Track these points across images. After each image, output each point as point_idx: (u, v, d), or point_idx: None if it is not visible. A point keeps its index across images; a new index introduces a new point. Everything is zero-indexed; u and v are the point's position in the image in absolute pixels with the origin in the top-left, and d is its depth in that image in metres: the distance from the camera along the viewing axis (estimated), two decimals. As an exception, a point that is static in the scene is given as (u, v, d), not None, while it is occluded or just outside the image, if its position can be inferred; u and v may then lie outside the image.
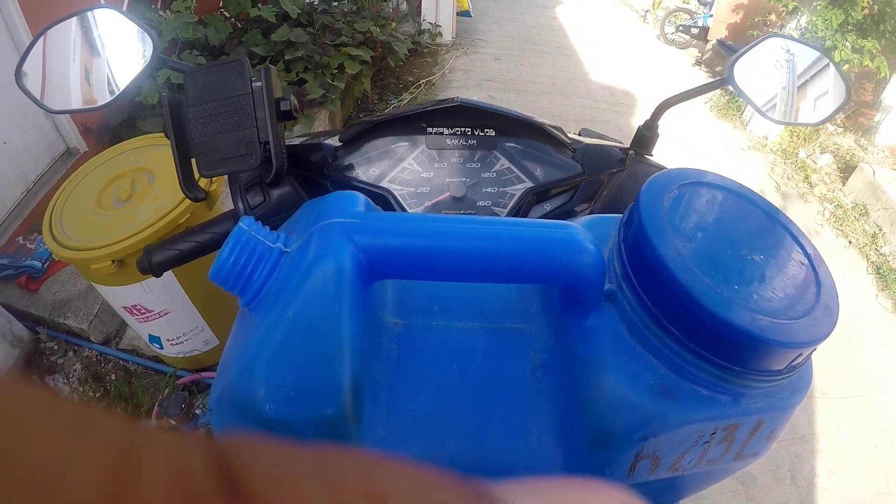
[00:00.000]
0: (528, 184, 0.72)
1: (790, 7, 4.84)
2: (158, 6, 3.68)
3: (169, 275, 1.74)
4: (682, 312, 0.37)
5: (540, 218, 0.71)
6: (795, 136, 5.02)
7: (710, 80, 0.80)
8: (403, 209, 0.69)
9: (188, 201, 1.62)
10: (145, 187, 1.74)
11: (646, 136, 0.85)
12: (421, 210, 0.70)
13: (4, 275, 2.40)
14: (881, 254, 3.98)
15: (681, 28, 7.81)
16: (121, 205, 1.71)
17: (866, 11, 4.33)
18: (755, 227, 0.42)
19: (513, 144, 0.74)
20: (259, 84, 0.61)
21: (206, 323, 2.02)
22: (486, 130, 0.74)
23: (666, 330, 0.39)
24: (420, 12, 6.34)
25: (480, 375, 0.45)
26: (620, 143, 0.87)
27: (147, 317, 1.88)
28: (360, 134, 0.74)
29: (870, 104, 5.56)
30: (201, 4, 3.84)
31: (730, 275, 0.38)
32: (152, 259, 0.70)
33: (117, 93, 0.68)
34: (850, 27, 4.42)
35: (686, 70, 7.17)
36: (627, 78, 6.33)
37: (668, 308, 0.38)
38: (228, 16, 4.08)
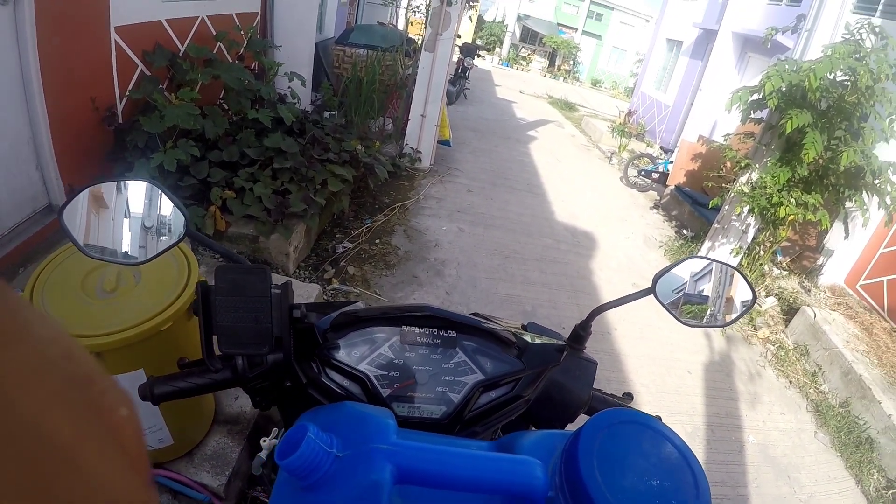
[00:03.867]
0: (479, 376, 0.90)
1: (742, 163, 5.25)
2: (165, 87, 3.91)
3: (140, 374, 1.77)
4: None
5: (487, 403, 0.89)
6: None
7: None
8: (377, 389, 0.85)
9: (172, 311, 1.69)
10: (130, 283, 1.78)
11: (580, 335, 1.00)
12: (391, 391, 0.86)
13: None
14: (821, 391, 4.17)
15: (643, 172, 8.36)
16: (105, 295, 1.73)
17: (812, 167, 4.72)
18: (661, 457, 0.62)
19: (470, 342, 0.93)
20: (278, 292, 0.79)
21: (165, 424, 2.01)
22: (449, 331, 0.93)
23: None
24: (404, 135, 6.72)
25: None
26: (560, 337, 1.03)
27: (109, 407, 1.87)
28: (347, 322, 0.91)
29: (814, 248, 5.99)
30: (204, 95, 4.10)
31: (632, 497, 0.57)
32: (154, 391, 0.84)
33: (148, 257, 0.83)
34: (796, 182, 4.80)
35: (645, 212, 7.62)
36: (590, 219, 6.68)
37: None
38: (227, 109, 4.30)
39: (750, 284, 0.97)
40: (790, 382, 4.25)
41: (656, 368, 4.00)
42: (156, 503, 0.26)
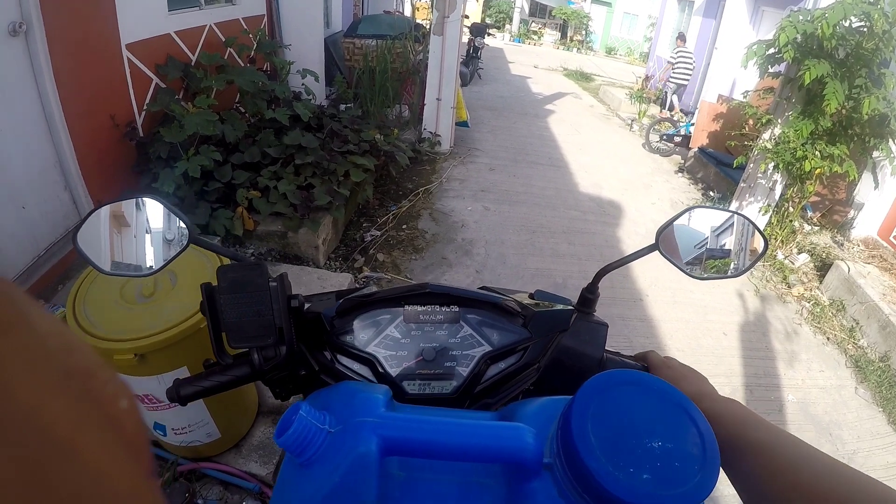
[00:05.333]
0: (487, 347, 0.91)
1: (764, 120, 5.16)
2: (181, 97, 4.01)
3: (184, 371, 1.86)
4: (592, 486, 0.55)
5: (497, 375, 0.90)
6: (773, 238, 5.25)
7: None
8: (386, 370, 0.87)
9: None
10: (167, 286, 1.87)
11: (588, 298, 0.99)
12: (399, 370, 0.88)
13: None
14: (859, 347, 4.11)
15: (664, 137, 8.24)
16: (144, 300, 1.82)
17: (835, 118, 4.62)
18: (663, 417, 0.60)
19: (474, 315, 0.94)
20: (275, 285, 0.82)
21: (212, 418, 2.10)
22: (451, 306, 0.94)
23: (581, 496, 0.57)
24: (421, 121, 6.74)
25: None
26: (569, 302, 1.03)
27: (157, 406, 1.95)
28: (352, 307, 0.93)
29: (843, 202, 5.87)
30: (220, 101, 4.19)
31: (629, 460, 0.55)
32: (181, 392, 0.87)
33: (157, 267, 0.87)
34: (819, 134, 4.70)
35: (670, 177, 7.51)
36: (614, 187, 6.62)
37: (583, 482, 0.56)
38: (244, 111, 4.39)
39: (760, 231, 0.95)
40: (827, 339, 4.19)
41: (691, 332, 3.98)
42: (157, 493, 0.26)
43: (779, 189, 5.20)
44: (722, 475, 0.60)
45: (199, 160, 3.40)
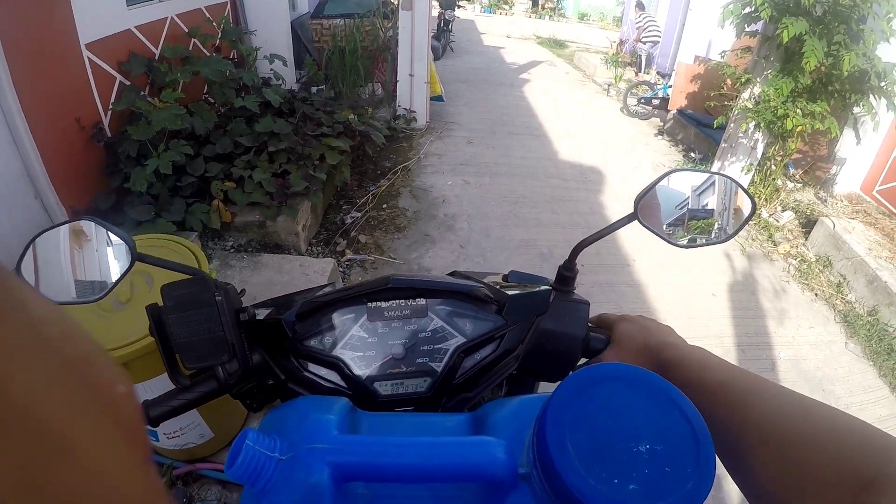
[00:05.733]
0: (460, 339, 0.85)
1: (743, 79, 5.14)
2: (147, 93, 3.90)
3: (164, 378, 1.80)
4: (572, 501, 0.48)
5: (474, 366, 0.85)
6: (757, 196, 5.24)
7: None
8: (354, 373, 0.82)
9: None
10: (144, 290, 1.82)
11: (566, 276, 0.93)
12: (369, 372, 0.83)
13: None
14: (847, 302, 4.13)
15: (642, 100, 8.20)
16: (121, 306, 1.76)
17: (814, 75, 4.59)
18: (650, 414, 0.53)
19: (443, 306, 0.88)
20: (221, 299, 0.77)
21: (202, 419, 2.07)
22: (417, 300, 0.88)
23: None
24: (395, 98, 6.64)
25: None
26: (546, 282, 0.97)
27: (145, 413, 1.90)
28: (312, 310, 0.87)
29: (825, 158, 5.87)
30: (188, 93, 4.07)
31: (614, 468, 0.48)
32: (150, 414, 0.82)
33: (105, 291, 0.81)
34: (799, 92, 4.68)
35: (650, 140, 7.48)
36: (595, 153, 6.58)
37: (562, 496, 0.49)
38: (213, 102, 4.28)
39: (746, 192, 0.88)
40: (816, 295, 4.21)
41: (680, 295, 3.99)
42: (155, 479, 0.26)
43: (760, 148, 5.19)
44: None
45: (170, 156, 3.31)
